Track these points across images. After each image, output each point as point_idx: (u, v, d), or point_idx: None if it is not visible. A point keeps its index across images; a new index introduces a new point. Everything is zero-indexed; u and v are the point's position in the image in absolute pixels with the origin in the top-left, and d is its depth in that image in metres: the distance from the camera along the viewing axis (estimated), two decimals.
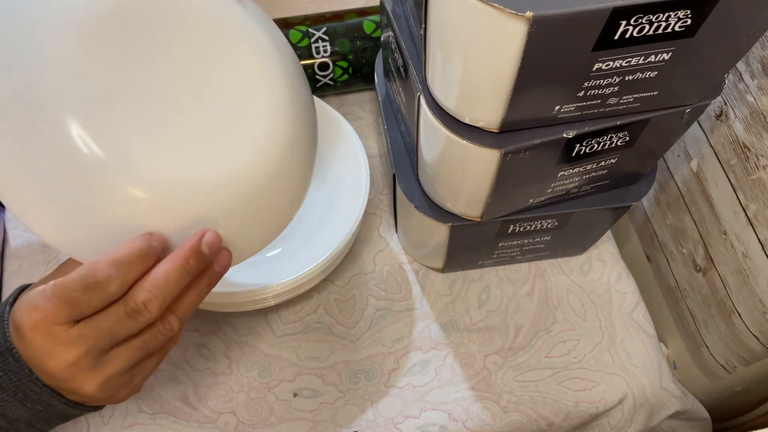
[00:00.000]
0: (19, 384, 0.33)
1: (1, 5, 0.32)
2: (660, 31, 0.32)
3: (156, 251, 0.33)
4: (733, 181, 0.53)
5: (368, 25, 0.63)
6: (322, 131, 0.58)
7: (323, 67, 0.63)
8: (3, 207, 0.62)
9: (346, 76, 0.65)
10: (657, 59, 0.34)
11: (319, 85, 0.64)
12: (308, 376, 0.55)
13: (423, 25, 0.37)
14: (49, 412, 0.35)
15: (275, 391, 0.54)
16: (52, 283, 0.32)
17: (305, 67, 0.62)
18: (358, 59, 0.64)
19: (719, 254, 0.57)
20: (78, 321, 0.32)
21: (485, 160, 0.40)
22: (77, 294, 0.31)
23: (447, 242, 0.53)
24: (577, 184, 0.47)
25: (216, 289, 0.44)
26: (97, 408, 0.36)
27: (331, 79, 0.64)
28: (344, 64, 0.63)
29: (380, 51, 0.59)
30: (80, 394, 0.34)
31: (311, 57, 0.62)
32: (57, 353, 0.32)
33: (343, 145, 0.57)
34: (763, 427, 0.53)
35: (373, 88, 0.68)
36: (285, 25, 0.63)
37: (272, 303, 0.51)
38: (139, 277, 0.33)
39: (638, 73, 0.35)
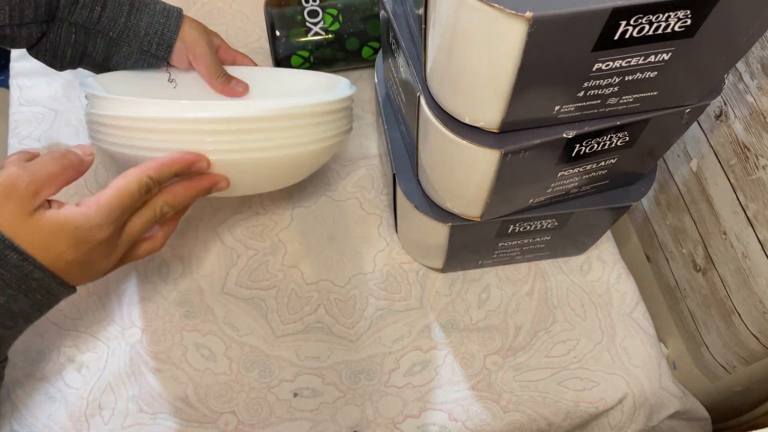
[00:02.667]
0: (21, 276, 0.37)
1: None
2: (660, 31, 0.32)
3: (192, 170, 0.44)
4: (732, 181, 0.53)
5: None
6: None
7: (313, 14, 0.64)
8: None
9: (337, 25, 0.65)
10: (657, 59, 0.34)
11: (310, 35, 0.65)
12: (308, 376, 0.55)
13: (423, 25, 0.37)
14: (46, 299, 0.40)
15: (275, 391, 0.54)
16: (103, 200, 0.39)
17: (294, 13, 0.65)
18: (347, 8, 0.65)
19: (719, 254, 0.57)
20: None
21: (485, 160, 0.40)
22: (129, 201, 0.40)
23: (447, 242, 0.53)
24: (577, 184, 0.47)
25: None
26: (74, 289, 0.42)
27: (321, 28, 0.65)
28: (334, 11, 0.64)
29: (380, 51, 0.59)
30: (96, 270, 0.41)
31: (300, 4, 0.64)
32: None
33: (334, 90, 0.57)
34: (763, 427, 0.53)
35: (367, 66, 0.70)
36: None
37: (231, 151, 0.45)
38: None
39: (638, 74, 0.35)
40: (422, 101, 0.41)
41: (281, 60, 0.66)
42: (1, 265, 0.36)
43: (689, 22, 0.31)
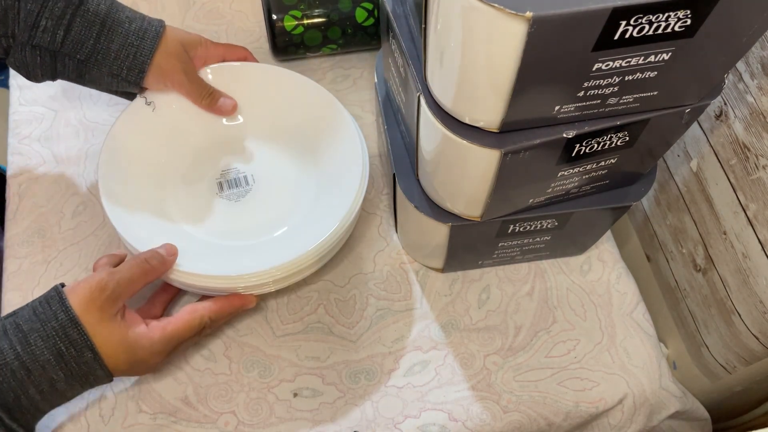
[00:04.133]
0: (87, 371, 0.43)
1: None
2: (660, 31, 0.32)
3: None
4: (733, 181, 0.53)
5: None
6: (323, 123, 0.59)
7: None
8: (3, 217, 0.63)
9: None
10: (657, 59, 0.34)
11: None
12: (308, 376, 0.55)
13: (423, 25, 0.37)
14: (93, 386, 0.45)
15: (275, 391, 0.54)
16: (169, 331, 0.46)
17: None
18: None
19: (719, 254, 0.57)
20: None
21: (485, 160, 0.40)
22: (187, 335, 0.48)
23: (447, 242, 0.53)
24: (577, 184, 0.47)
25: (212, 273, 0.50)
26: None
27: None
28: None
29: (380, 50, 0.59)
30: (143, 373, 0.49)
31: None
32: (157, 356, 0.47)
33: (344, 140, 0.57)
34: (763, 427, 0.53)
35: (371, 48, 0.70)
36: None
37: (272, 289, 0.51)
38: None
39: (638, 73, 0.35)
40: (422, 101, 0.41)
41: (275, 22, 0.65)
42: (76, 361, 0.42)
43: (689, 22, 0.31)
